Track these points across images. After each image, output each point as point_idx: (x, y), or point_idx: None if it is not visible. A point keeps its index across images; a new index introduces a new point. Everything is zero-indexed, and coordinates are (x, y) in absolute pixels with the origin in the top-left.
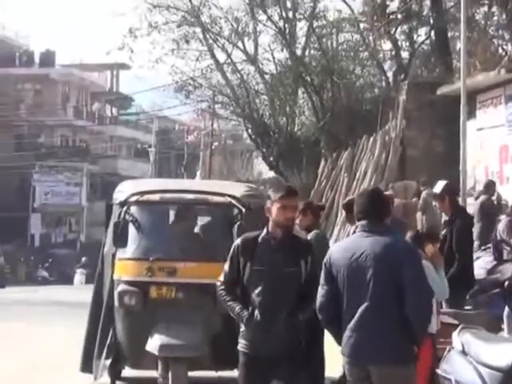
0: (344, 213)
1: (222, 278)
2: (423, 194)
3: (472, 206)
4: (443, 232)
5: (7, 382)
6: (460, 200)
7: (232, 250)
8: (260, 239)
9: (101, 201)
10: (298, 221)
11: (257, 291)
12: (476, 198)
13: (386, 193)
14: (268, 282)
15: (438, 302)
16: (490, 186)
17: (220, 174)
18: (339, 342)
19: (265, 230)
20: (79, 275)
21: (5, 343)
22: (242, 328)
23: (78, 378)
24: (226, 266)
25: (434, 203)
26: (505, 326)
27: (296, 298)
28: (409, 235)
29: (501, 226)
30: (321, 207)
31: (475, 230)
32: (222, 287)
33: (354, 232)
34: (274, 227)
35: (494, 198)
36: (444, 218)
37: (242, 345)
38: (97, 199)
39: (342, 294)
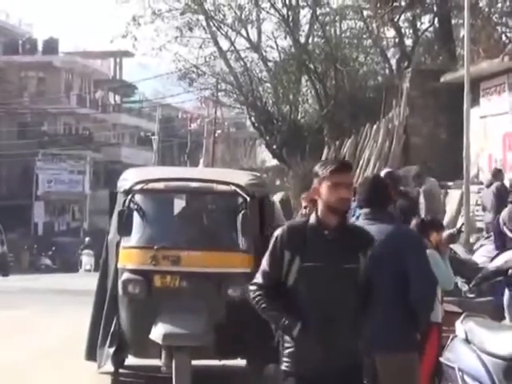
0: None
1: (259, 279)
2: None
3: (475, 194)
4: None
5: (12, 371)
6: (463, 187)
7: (273, 242)
8: (309, 228)
9: (104, 189)
10: (307, 211)
11: (310, 293)
12: (488, 186)
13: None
14: (325, 282)
15: (443, 291)
16: (497, 174)
17: (223, 162)
18: None
19: (313, 217)
20: (87, 257)
21: (9, 332)
22: (288, 343)
23: (83, 366)
24: (266, 265)
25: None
26: (506, 313)
27: (356, 301)
28: (413, 223)
29: (504, 214)
30: None
31: (489, 216)
32: (261, 292)
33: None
34: (326, 212)
35: (506, 184)
36: None
37: (288, 363)
38: (100, 187)
39: None
